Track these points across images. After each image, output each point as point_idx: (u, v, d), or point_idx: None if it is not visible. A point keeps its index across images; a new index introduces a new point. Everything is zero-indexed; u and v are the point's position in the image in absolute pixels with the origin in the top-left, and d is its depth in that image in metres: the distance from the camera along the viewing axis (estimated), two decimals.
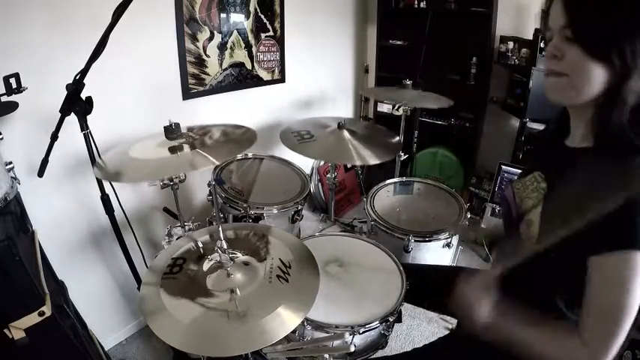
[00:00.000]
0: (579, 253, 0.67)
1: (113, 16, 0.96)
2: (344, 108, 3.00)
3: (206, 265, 0.99)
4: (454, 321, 1.83)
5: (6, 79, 1.08)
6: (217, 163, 1.04)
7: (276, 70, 2.23)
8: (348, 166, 2.85)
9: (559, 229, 0.67)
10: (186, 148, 1.12)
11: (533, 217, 0.77)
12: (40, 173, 1.16)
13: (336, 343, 0.95)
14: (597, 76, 0.64)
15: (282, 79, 2.28)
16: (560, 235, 0.66)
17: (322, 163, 2.69)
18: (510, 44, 2.29)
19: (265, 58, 2.13)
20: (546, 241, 0.72)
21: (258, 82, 2.14)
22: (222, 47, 1.87)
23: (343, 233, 1.49)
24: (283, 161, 1.82)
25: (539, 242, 0.75)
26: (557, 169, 0.77)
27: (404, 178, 1.85)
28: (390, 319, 1.10)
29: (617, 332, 0.66)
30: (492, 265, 1.07)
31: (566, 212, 0.69)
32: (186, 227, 1.44)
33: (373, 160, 1.55)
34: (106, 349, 1.61)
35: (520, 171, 0.96)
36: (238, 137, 1.25)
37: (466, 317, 0.79)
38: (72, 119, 1.11)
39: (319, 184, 2.68)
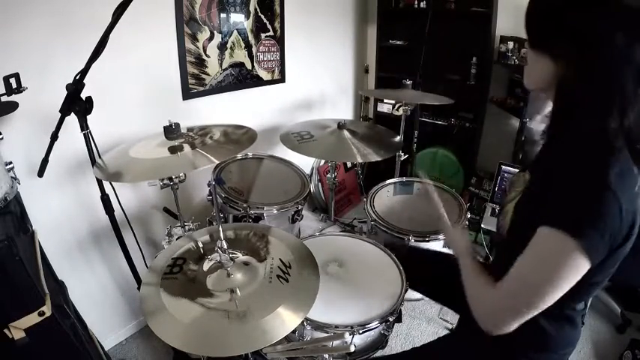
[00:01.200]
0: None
1: (113, 16, 0.96)
2: (344, 108, 3.00)
3: (206, 265, 0.99)
4: (454, 321, 1.83)
5: (6, 79, 1.07)
6: (217, 161, 1.05)
7: (276, 70, 2.23)
8: (348, 165, 2.85)
9: (524, 216, 0.71)
10: (186, 147, 1.12)
11: (509, 208, 0.82)
12: (40, 173, 1.16)
13: (336, 343, 0.95)
14: (541, 67, 0.72)
15: (282, 79, 2.28)
16: (524, 221, 0.68)
17: (322, 163, 2.69)
18: (510, 44, 2.29)
19: (265, 58, 2.13)
20: (514, 229, 0.78)
21: (258, 82, 2.14)
22: (222, 47, 1.87)
23: (343, 233, 1.49)
24: (283, 161, 1.82)
25: (509, 232, 0.80)
26: (540, 165, 0.81)
27: (404, 178, 1.85)
28: (390, 319, 1.10)
29: (522, 307, 0.68)
30: None
31: (530, 203, 0.75)
32: (186, 227, 1.44)
33: (374, 158, 1.55)
34: (106, 349, 1.61)
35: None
36: (238, 137, 1.25)
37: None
38: (72, 119, 1.11)
39: (319, 184, 2.68)
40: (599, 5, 0.64)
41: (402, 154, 2.07)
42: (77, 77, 1.05)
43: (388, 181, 1.80)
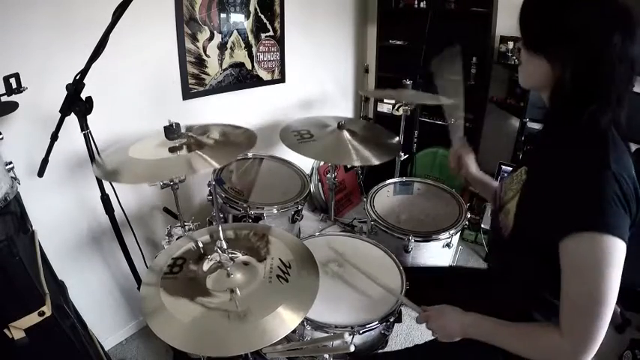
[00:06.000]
0: (551, 239, 0.68)
1: (113, 16, 0.96)
2: (344, 108, 3.00)
3: (206, 265, 0.99)
4: None
5: (6, 79, 1.07)
6: (217, 166, 1.04)
7: (276, 70, 2.23)
8: (348, 166, 2.85)
9: (530, 217, 0.71)
10: (186, 149, 1.12)
11: (511, 207, 0.82)
12: (40, 173, 1.16)
13: (336, 343, 0.95)
14: (537, 67, 0.73)
15: (282, 79, 2.28)
16: (530, 222, 0.68)
17: (322, 163, 2.69)
18: (510, 44, 2.29)
19: (265, 58, 2.13)
20: (520, 229, 0.77)
21: (258, 82, 2.14)
22: (222, 47, 1.87)
23: (343, 233, 1.49)
24: (283, 161, 1.82)
25: (513, 231, 0.79)
26: (538, 163, 0.82)
27: (404, 178, 1.85)
28: (390, 319, 1.10)
29: (596, 320, 0.64)
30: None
31: (535, 200, 0.75)
32: (186, 227, 1.44)
33: (373, 161, 1.55)
34: (106, 349, 1.61)
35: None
36: (238, 138, 1.24)
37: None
38: (72, 119, 1.11)
39: (319, 184, 2.68)
40: (594, 6, 0.65)
41: (402, 154, 2.07)
42: (77, 77, 1.05)
43: (388, 181, 1.80)
